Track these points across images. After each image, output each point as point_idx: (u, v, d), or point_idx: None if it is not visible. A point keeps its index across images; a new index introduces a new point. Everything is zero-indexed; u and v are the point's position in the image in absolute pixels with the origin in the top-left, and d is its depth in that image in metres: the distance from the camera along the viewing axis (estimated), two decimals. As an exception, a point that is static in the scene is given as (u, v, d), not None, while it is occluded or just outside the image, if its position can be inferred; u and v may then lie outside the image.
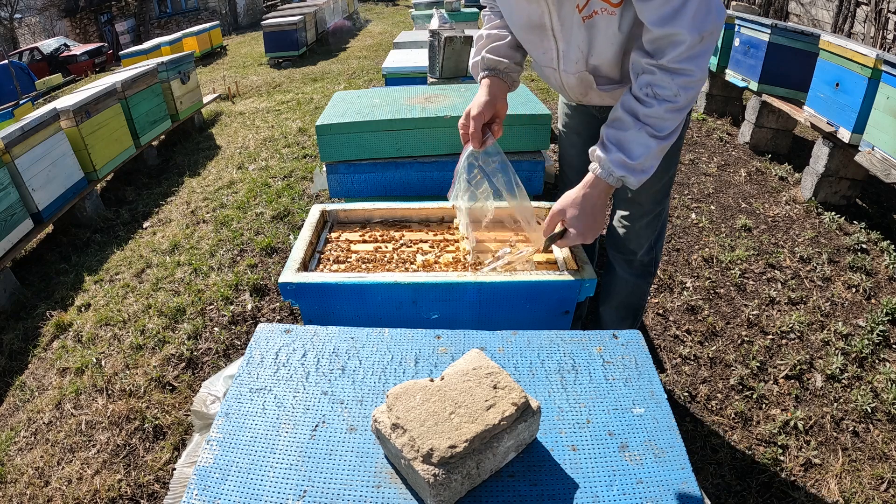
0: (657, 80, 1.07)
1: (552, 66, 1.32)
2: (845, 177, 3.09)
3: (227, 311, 2.57)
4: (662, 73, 1.06)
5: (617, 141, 1.13)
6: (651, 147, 1.11)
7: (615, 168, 1.12)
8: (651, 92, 1.08)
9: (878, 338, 2.17)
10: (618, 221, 1.63)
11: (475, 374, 0.80)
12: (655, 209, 1.57)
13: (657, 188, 1.53)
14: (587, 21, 1.16)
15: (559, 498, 0.74)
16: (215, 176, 4.33)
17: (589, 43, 1.20)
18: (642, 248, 1.62)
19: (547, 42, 1.26)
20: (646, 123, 1.10)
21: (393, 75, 3.41)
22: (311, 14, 10.03)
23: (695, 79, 1.06)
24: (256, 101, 6.79)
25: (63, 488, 1.82)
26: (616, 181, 1.14)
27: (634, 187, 1.16)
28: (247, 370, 0.97)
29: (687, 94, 1.08)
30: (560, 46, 1.25)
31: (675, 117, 1.10)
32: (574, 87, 1.35)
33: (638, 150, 1.11)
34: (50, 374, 2.38)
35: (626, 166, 1.12)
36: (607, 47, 1.20)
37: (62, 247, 3.58)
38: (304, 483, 0.77)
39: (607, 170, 1.13)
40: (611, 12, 1.13)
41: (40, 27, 21.75)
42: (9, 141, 3.11)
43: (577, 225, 1.15)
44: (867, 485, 1.67)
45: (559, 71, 1.32)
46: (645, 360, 0.97)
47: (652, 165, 1.14)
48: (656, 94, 1.08)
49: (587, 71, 1.27)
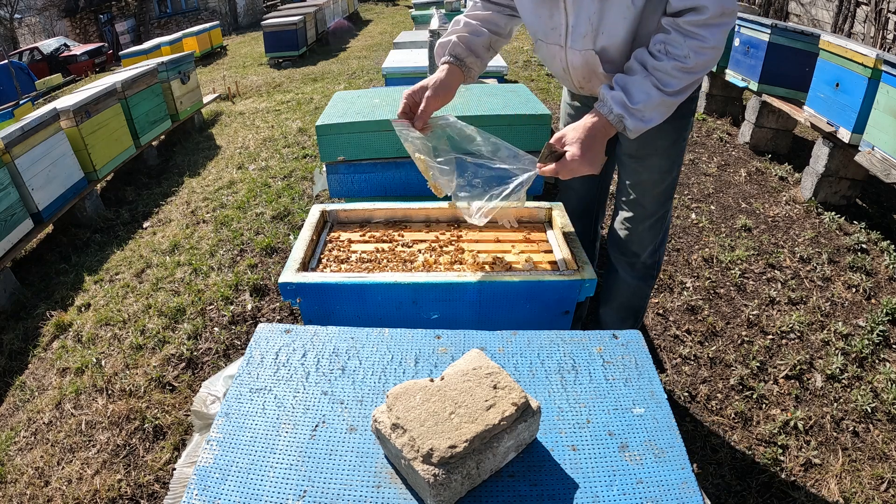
0: (671, 38, 1.11)
1: (559, 44, 1.30)
2: (845, 177, 3.09)
3: (227, 311, 2.57)
4: (677, 34, 1.10)
5: (623, 83, 1.15)
6: (652, 96, 1.13)
7: (615, 105, 1.14)
8: (663, 49, 1.12)
9: (878, 338, 2.17)
10: (621, 223, 1.62)
11: (475, 374, 0.80)
12: (659, 211, 1.56)
13: (660, 189, 1.52)
14: None
15: (559, 498, 0.74)
16: (215, 176, 4.33)
17: (600, 15, 1.19)
18: (645, 251, 1.61)
19: (557, 15, 1.25)
20: (652, 74, 1.13)
21: (393, 75, 3.41)
22: (311, 14, 10.03)
23: (707, 45, 1.09)
24: (256, 101, 6.79)
25: (63, 488, 1.82)
26: (615, 119, 1.16)
27: (632, 134, 1.17)
28: (247, 370, 0.97)
29: (697, 58, 1.10)
30: (570, 21, 1.24)
31: (682, 77, 1.12)
32: (578, 68, 1.33)
33: (639, 95, 1.13)
34: (50, 374, 2.38)
35: (626, 107, 1.14)
36: (618, 22, 1.20)
37: (62, 247, 3.59)
38: (304, 483, 0.77)
39: (608, 106, 1.16)
40: None
41: (40, 27, 21.75)
42: (9, 141, 3.11)
43: (574, 147, 1.14)
44: (867, 485, 1.67)
45: (566, 48, 1.30)
46: (645, 360, 0.97)
47: (651, 118, 1.16)
48: (668, 51, 1.11)
49: (594, 50, 1.26)
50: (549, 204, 1.56)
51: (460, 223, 1.58)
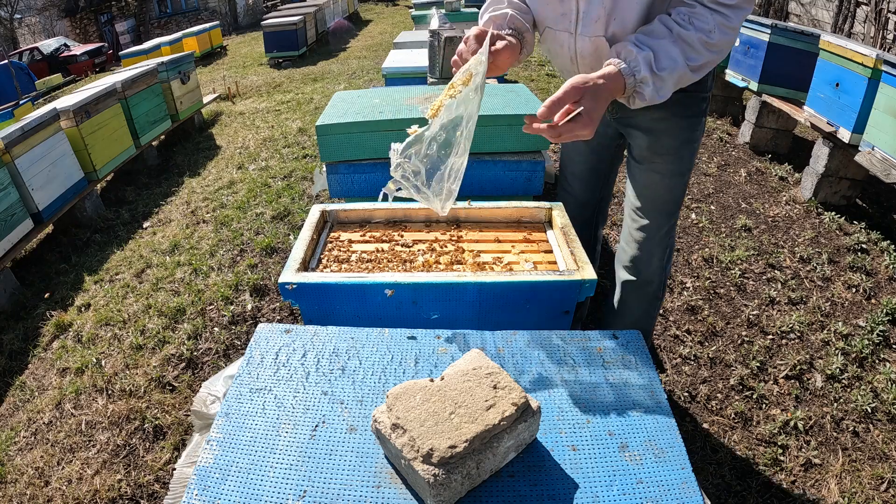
0: (696, 12, 1.07)
1: (569, 31, 1.25)
2: (845, 177, 3.09)
3: (227, 311, 2.57)
4: (702, 7, 1.07)
5: (650, 45, 1.08)
6: (677, 65, 1.07)
7: (643, 66, 1.06)
8: (688, 19, 1.07)
9: (878, 338, 2.17)
10: (626, 238, 1.56)
11: (475, 374, 0.80)
12: (665, 224, 1.49)
13: (667, 198, 1.47)
14: None
15: (559, 498, 0.74)
16: (215, 176, 4.33)
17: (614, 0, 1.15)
18: (652, 267, 1.55)
19: (567, 4, 1.21)
20: (679, 40, 1.07)
21: (393, 75, 3.41)
22: (311, 14, 10.03)
23: (731, 25, 1.06)
24: (256, 101, 6.79)
25: (63, 488, 1.82)
26: (635, 83, 1.07)
27: (638, 103, 1.10)
28: (247, 370, 0.97)
29: (721, 36, 1.07)
30: (581, 6, 1.19)
31: (704, 53, 1.08)
32: (587, 57, 1.26)
33: (665, 60, 1.07)
34: (50, 374, 2.38)
35: (652, 70, 1.06)
36: (632, 7, 1.15)
37: (62, 247, 3.59)
38: (304, 483, 0.77)
39: (633, 66, 1.06)
40: None
41: (40, 27, 21.75)
42: (9, 141, 3.11)
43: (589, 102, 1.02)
44: (867, 485, 1.67)
45: (575, 35, 1.24)
46: (645, 360, 0.97)
47: (666, 90, 1.09)
48: (693, 22, 1.07)
49: (605, 37, 1.20)
50: (549, 204, 1.56)
51: (460, 223, 1.58)
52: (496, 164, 1.95)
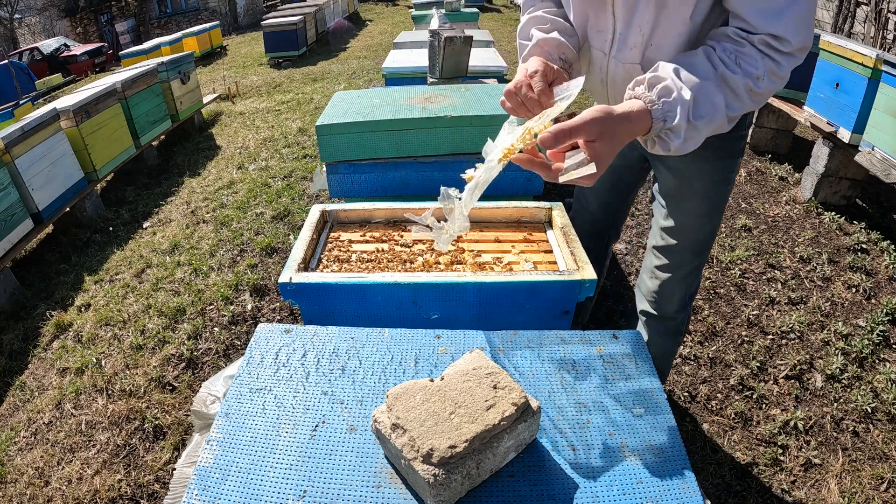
0: (745, 51, 0.89)
1: (603, 50, 1.12)
2: (845, 177, 3.09)
3: (227, 311, 2.57)
4: (753, 48, 0.89)
5: (690, 81, 0.87)
6: (717, 114, 0.89)
7: (679, 111, 0.86)
8: (735, 59, 0.89)
9: (878, 338, 2.17)
10: (650, 272, 1.43)
11: (475, 374, 0.80)
12: (693, 263, 1.36)
13: (697, 238, 1.33)
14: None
15: (559, 498, 0.74)
16: (215, 176, 4.33)
17: (653, 26, 1.01)
18: (673, 306, 1.42)
19: (604, 19, 1.07)
20: (723, 84, 0.89)
21: (393, 75, 3.41)
22: (311, 14, 10.03)
23: (781, 73, 0.90)
24: (256, 101, 6.79)
25: (63, 488, 1.82)
26: (661, 129, 0.88)
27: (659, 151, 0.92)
28: (247, 370, 0.97)
29: (768, 84, 0.90)
30: (618, 27, 1.06)
31: (746, 102, 0.91)
32: (619, 83, 1.13)
33: (705, 107, 0.87)
34: (50, 374, 2.38)
35: (688, 118, 0.86)
36: (671, 37, 1.01)
37: (62, 247, 3.59)
38: (304, 483, 0.77)
39: (666, 109, 0.87)
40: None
41: (40, 27, 21.76)
42: (9, 141, 3.11)
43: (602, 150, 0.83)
44: (867, 485, 1.67)
45: (609, 57, 1.12)
46: (645, 360, 0.97)
47: (696, 144, 0.91)
48: (740, 64, 0.89)
49: (640, 63, 1.07)
50: (549, 204, 1.56)
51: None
52: (496, 164, 1.95)
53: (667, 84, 0.87)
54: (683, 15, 0.97)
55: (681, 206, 1.30)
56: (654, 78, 0.89)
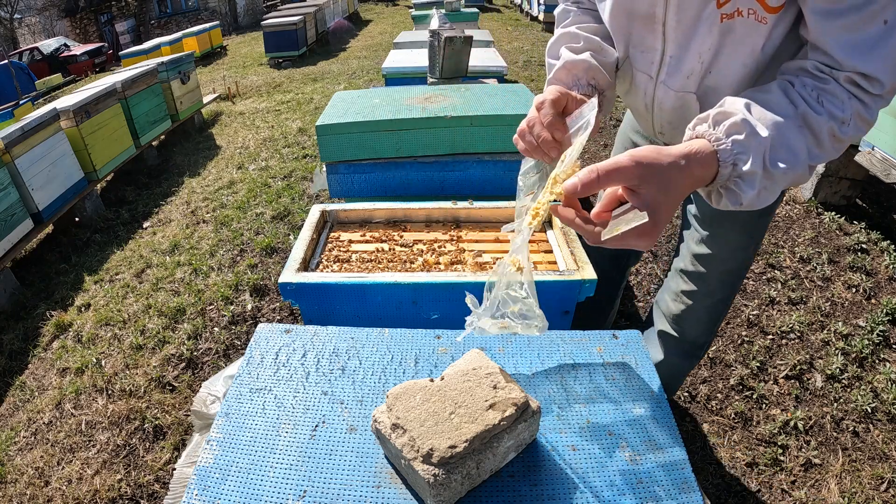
0: (830, 89, 0.73)
1: (648, 74, 0.98)
2: (845, 177, 3.09)
3: (227, 311, 2.57)
4: (838, 86, 0.74)
5: (765, 119, 0.71)
6: (798, 162, 0.72)
7: (753, 155, 0.69)
8: (817, 97, 0.74)
9: (878, 338, 2.17)
10: (675, 295, 1.33)
11: (475, 374, 0.80)
12: (724, 292, 1.27)
13: (730, 268, 1.23)
14: (725, 22, 0.82)
15: (559, 498, 0.74)
16: (215, 176, 4.33)
17: (715, 53, 0.86)
18: (698, 330, 1.34)
19: (651, 39, 0.94)
20: (805, 126, 0.73)
21: (393, 75, 3.41)
22: (311, 14, 10.03)
23: (869, 118, 0.75)
24: (256, 101, 6.79)
25: (63, 488, 1.82)
26: (731, 176, 0.71)
27: (726, 205, 0.74)
28: (247, 370, 0.97)
29: (854, 131, 0.75)
30: (668, 49, 0.92)
31: (828, 150, 0.75)
32: (667, 111, 1.00)
33: (785, 152, 0.71)
34: (50, 374, 2.38)
35: (764, 164, 0.70)
36: (734, 67, 0.87)
37: (62, 247, 3.59)
38: (304, 483, 0.77)
39: (737, 151, 0.70)
40: (760, 18, 0.79)
41: (40, 27, 21.76)
42: (9, 141, 3.11)
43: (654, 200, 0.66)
44: (867, 485, 1.67)
45: (656, 81, 0.98)
46: (645, 360, 0.97)
47: (772, 195, 0.73)
48: (824, 104, 0.73)
49: (696, 93, 0.93)
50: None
51: (460, 223, 1.58)
52: (496, 164, 1.95)
53: (737, 120, 0.70)
54: (753, 44, 0.83)
55: (718, 235, 1.18)
56: (721, 114, 0.72)
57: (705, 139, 0.72)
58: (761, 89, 0.77)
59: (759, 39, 0.82)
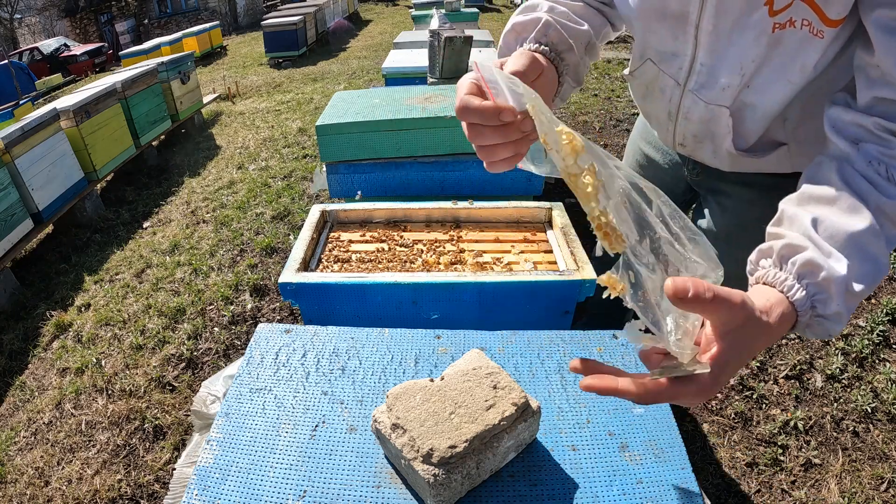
0: None
1: (676, 79, 0.88)
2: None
3: (227, 311, 2.57)
4: None
5: (838, 239, 0.59)
6: (879, 272, 0.60)
7: (836, 294, 0.57)
8: (887, 173, 0.61)
9: (878, 338, 2.17)
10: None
11: (475, 374, 0.80)
12: None
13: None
14: (777, 32, 0.71)
15: (559, 498, 0.74)
16: (215, 176, 4.33)
17: (759, 66, 0.76)
18: None
19: (680, 42, 0.83)
20: (881, 218, 0.60)
21: (393, 75, 3.41)
22: (311, 14, 10.03)
23: None
24: (256, 101, 6.79)
25: (63, 488, 1.82)
26: (811, 319, 0.59)
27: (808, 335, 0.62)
28: (247, 370, 0.97)
29: None
30: (699, 55, 0.81)
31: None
32: (693, 122, 0.90)
33: (867, 266, 0.59)
34: (50, 374, 2.38)
35: (847, 294, 0.58)
36: (779, 86, 0.77)
37: (62, 247, 3.59)
38: (304, 483, 0.77)
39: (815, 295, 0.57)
40: (816, 32, 0.68)
41: (40, 27, 21.76)
42: (9, 141, 3.11)
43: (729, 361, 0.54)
44: (867, 485, 1.67)
45: (683, 88, 0.88)
46: (645, 360, 0.97)
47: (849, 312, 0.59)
48: (892, 177, 0.60)
49: (729, 107, 0.83)
50: (548, 204, 1.56)
51: (460, 223, 1.58)
52: (496, 164, 1.95)
53: (809, 258, 0.57)
54: (804, 60, 0.72)
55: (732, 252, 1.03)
56: (787, 247, 0.60)
57: (776, 290, 0.59)
58: (819, 179, 0.63)
59: (812, 55, 0.71)
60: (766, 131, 0.85)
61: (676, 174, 1.16)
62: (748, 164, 0.92)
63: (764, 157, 0.88)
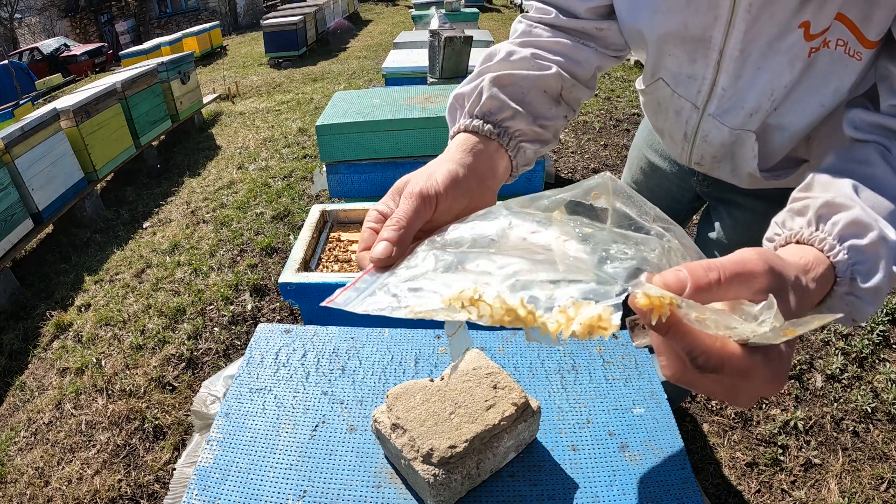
0: None
1: (693, 102, 0.82)
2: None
3: (227, 311, 2.57)
4: None
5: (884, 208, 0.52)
6: None
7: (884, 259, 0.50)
8: None
9: (878, 338, 2.17)
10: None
11: (475, 374, 0.80)
12: None
13: None
14: (813, 55, 0.66)
15: (559, 498, 0.74)
16: (215, 176, 4.33)
17: (791, 89, 0.71)
18: None
19: (700, 66, 0.77)
20: None
21: (393, 75, 3.41)
22: (311, 14, 10.03)
23: None
24: (256, 101, 6.79)
25: (63, 488, 1.82)
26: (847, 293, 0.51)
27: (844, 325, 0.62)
28: (247, 370, 0.97)
29: None
30: (721, 80, 0.75)
31: None
32: (713, 145, 0.85)
33: None
34: (50, 374, 2.38)
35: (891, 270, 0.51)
36: (811, 108, 0.72)
37: (62, 247, 3.59)
38: (304, 483, 0.77)
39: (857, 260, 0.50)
40: (853, 53, 0.64)
41: (40, 27, 21.76)
42: (9, 141, 3.11)
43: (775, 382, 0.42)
44: (867, 485, 1.67)
45: (702, 112, 0.82)
46: (645, 360, 0.97)
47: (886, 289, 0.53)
48: None
49: (754, 131, 0.78)
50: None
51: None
52: (496, 164, 1.95)
53: (856, 216, 0.50)
54: (839, 82, 0.67)
55: None
56: (827, 205, 0.52)
57: (813, 247, 0.51)
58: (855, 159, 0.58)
59: (848, 77, 0.66)
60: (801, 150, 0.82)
61: (684, 184, 1.12)
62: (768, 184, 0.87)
63: (786, 177, 0.84)
